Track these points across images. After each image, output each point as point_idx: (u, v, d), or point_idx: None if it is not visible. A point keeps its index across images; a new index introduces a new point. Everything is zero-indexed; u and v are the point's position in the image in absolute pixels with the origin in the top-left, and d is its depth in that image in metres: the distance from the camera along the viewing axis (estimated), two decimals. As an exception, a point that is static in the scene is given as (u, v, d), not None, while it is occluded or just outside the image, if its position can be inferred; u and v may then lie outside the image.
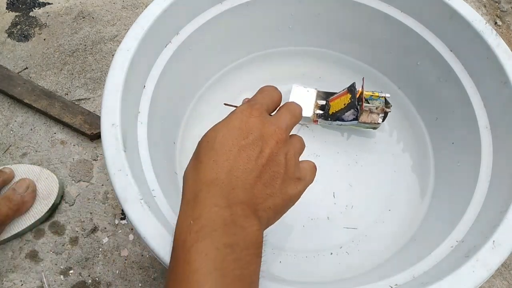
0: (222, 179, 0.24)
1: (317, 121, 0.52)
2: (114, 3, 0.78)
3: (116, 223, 0.58)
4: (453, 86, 0.46)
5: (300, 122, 0.50)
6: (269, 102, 0.29)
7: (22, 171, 0.58)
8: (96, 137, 0.63)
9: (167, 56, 0.44)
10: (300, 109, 0.30)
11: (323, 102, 0.53)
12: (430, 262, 0.35)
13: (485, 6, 0.84)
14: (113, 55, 0.49)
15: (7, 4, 0.77)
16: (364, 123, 0.49)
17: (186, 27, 0.46)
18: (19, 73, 0.69)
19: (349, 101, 0.49)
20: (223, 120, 0.27)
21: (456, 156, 0.46)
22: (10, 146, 0.64)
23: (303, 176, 0.28)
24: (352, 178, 0.49)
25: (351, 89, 0.50)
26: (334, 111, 0.51)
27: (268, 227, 0.26)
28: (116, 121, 0.35)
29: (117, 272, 0.55)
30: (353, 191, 0.49)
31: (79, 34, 0.74)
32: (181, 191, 0.26)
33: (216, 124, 0.27)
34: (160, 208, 0.35)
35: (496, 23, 0.82)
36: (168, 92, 0.46)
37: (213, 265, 0.21)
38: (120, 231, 0.58)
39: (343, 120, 0.50)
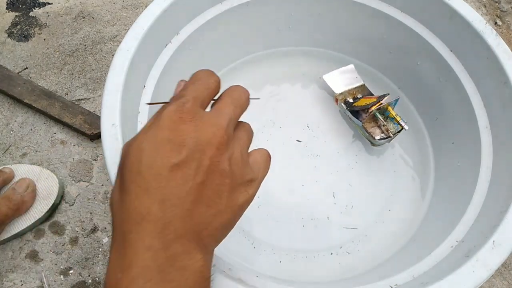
0: (154, 213, 0.19)
1: (337, 101, 0.53)
2: (114, 3, 0.78)
3: (116, 223, 0.58)
4: (453, 86, 0.46)
5: (320, 87, 0.52)
6: (204, 94, 0.23)
7: (22, 171, 0.58)
8: (96, 137, 0.63)
9: (167, 56, 0.44)
10: (247, 94, 0.25)
11: (356, 98, 0.53)
12: (430, 262, 0.35)
13: (485, 6, 0.84)
14: (113, 55, 0.49)
15: (7, 4, 0.77)
16: (365, 130, 0.49)
17: (186, 27, 0.46)
18: (19, 73, 0.69)
19: (369, 104, 0.49)
20: (146, 129, 0.21)
21: (456, 156, 0.46)
22: (10, 146, 0.64)
23: (255, 174, 0.23)
24: (352, 178, 0.49)
25: (380, 97, 0.49)
26: (356, 105, 0.51)
27: (216, 246, 0.23)
28: (116, 121, 0.35)
29: (117, 272, 0.55)
30: (353, 191, 0.49)
31: (79, 34, 0.74)
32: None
33: (138, 135, 0.21)
34: (160, 208, 0.35)
35: (496, 23, 0.82)
36: (168, 92, 0.45)
37: None
38: (120, 231, 0.58)
39: (354, 114, 0.50)
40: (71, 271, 0.55)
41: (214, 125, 0.21)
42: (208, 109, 0.24)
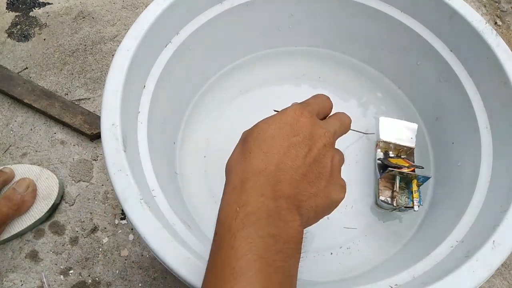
0: (270, 171, 0.24)
1: (378, 145, 0.49)
2: (114, 3, 0.78)
3: (116, 223, 0.58)
4: (453, 86, 0.46)
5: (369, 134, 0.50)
6: (321, 108, 0.29)
7: (22, 171, 0.58)
8: (96, 137, 0.63)
9: (167, 56, 0.44)
10: (350, 120, 0.31)
11: (398, 155, 0.50)
12: (430, 262, 0.35)
13: (485, 6, 0.84)
14: (113, 55, 0.49)
15: (7, 4, 0.77)
16: (378, 185, 0.47)
17: (186, 27, 0.46)
18: (19, 73, 0.69)
19: (401, 165, 0.46)
20: (274, 115, 0.27)
21: (456, 156, 0.46)
22: (10, 146, 0.64)
23: (344, 185, 0.28)
24: (352, 178, 0.49)
25: (414, 165, 0.47)
26: (391, 161, 0.48)
27: (307, 226, 0.26)
28: (116, 121, 0.35)
29: (117, 272, 0.55)
30: (353, 191, 0.49)
31: (79, 34, 0.74)
32: (225, 178, 0.26)
33: (267, 118, 0.27)
34: (160, 208, 0.35)
35: (496, 23, 0.82)
36: (168, 92, 0.46)
37: (257, 253, 0.21)
38: (120, 231, 0.58)
39: (382, 166, 0.47)
40: (71, 271, 0.55)
41: (324, 128, 0.27)
42: None
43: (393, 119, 0.50)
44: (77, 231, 0.58)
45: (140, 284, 0.55)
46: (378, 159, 0.48)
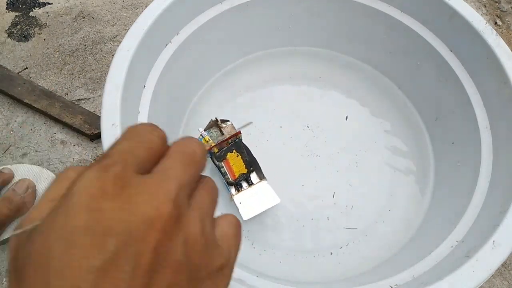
0: None
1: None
2: (114, 3, 0.78)
3: (116, 223, 0.58)
4: (453, 86, 0.46)
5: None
6: (142, 153, 0.15)
7: (22, 171, 0.58)
8: (96, 137, 0.63)
9: (167, 56, 0.44)
10: (202, 147, 0.17)
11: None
12: (430, 262, 0.35)
13: (485, 6, 0.84)
14: (113, 55, 0.49)
15: (7, 4, 0.77)
16: (228, 138, 0.45)
17: (186, 27, 0.46)
18: (19, 73, 0.69)
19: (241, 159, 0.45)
20: (55, 212, 0.13)
21: (456, 156, 0.46)
22: (10, 146, 0.64)
23: (226, 255, 0.16)
24: (352, 178, 0.49)
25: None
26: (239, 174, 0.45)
27: None
28: (116, 121, 0.35)
29: (117, 272, 0.55)
30: (353, 191, 0.49)
31: (79, 34, 0.74)
32: None
33: (43, 223, 0.13)
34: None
35: (496, 23, 0.82)
36: (168, 92, 0.46)
37: None
38: (120, 231, 0.58)
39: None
40: (71, 271, 0.55)
41: (156, 197, 0.14)
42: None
43: (243, 192, 0.44)
44: (77, 231, 0.58)
45: (140, 284, 0.55)
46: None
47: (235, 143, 0.46)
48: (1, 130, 0.65)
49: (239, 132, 0.46)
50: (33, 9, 0.77)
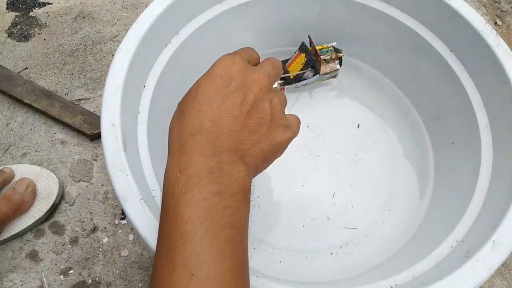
0: (206, 128, 0.24)
1: (283, 88, 0.54)
2: (114, 3, 0.78)
3: (116, 223, 0.58)
4: (453, 86, 0.46)
5: None
6: (250, 56, 0.29)
7: (22, 171, 0.58)
8: (96, 137, 0.63)
9: (167, 56, 0.44)
10: (280, 62, 0.31)
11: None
12: (430, 262, 0.35)
13: (485, 6, 0.84)
14: (113, 55, 0.49)
15: (7, 4, 0.77)
16: (325, 74, 0.52)
17: (186, 27, 0.46)
18: (19, 73, 0.69)
19: (305, 60, 0.52)
20: (206, 72, 0.26)
21: (456, 156, 0.46)
22: (10, 146, 0.64)
23: (290, 124, 0.28)
24: (352, 178, 0.49)
25: (303, 48, 0.52)
26: (295, 74, 0.52)
27: (257, 173, 0.27)
28: (116, 121, 0.35)
29: (117, 272, 0.55)
30: (353, 191, 0.49)
31: (79, 34, 0.74)
32: (167, 144, 0.26)
33: (199, 78, 0.26)
34: (160, 208, 0.35)
35: (496, 23, 0.82)
36: (168, 92, 0.45)
37: (202, 215, 0.22)
38: (120, 231, 0.58)
39: (305, 79, 0.52)
40: (71, 271, 0.55)
41: (258, 72, 0.26)
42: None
43: None
44: (77, 231, 0.58)
45: (140, 284, 0.55)
46: (294, 79, 0.53)
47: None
48: (1, 130, 0.65)
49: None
50: (33, 9, 0.77)
